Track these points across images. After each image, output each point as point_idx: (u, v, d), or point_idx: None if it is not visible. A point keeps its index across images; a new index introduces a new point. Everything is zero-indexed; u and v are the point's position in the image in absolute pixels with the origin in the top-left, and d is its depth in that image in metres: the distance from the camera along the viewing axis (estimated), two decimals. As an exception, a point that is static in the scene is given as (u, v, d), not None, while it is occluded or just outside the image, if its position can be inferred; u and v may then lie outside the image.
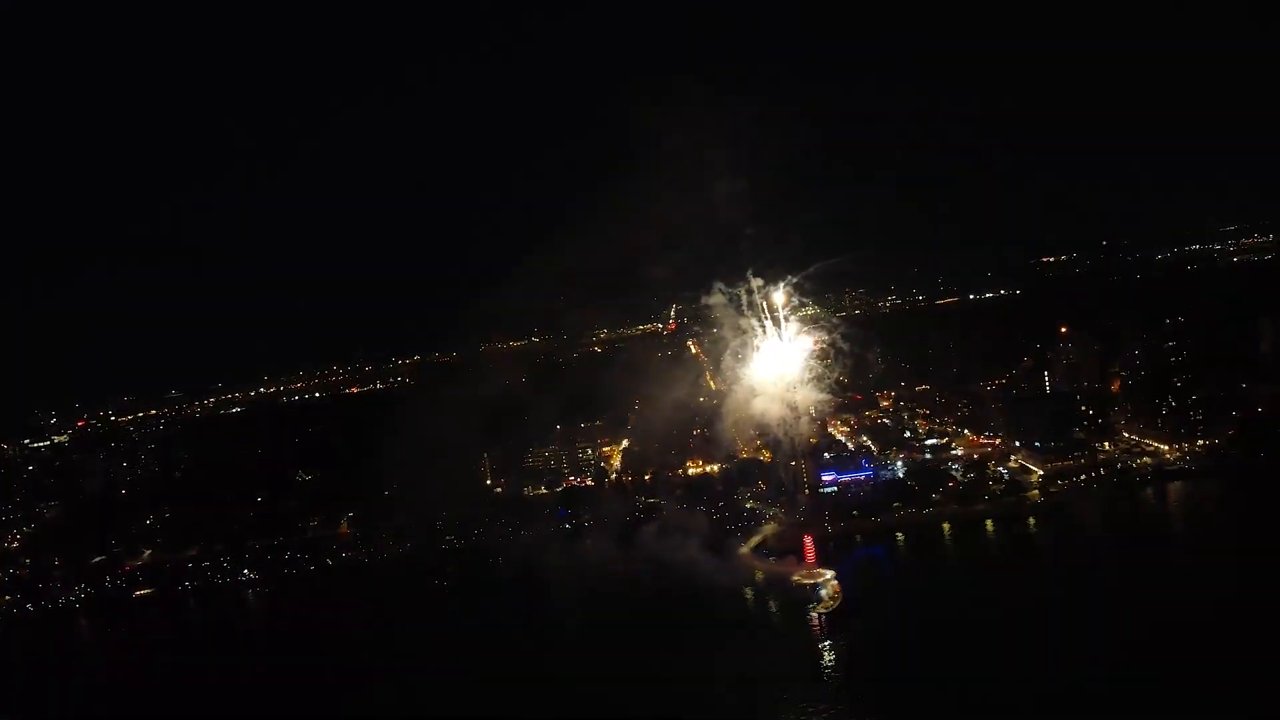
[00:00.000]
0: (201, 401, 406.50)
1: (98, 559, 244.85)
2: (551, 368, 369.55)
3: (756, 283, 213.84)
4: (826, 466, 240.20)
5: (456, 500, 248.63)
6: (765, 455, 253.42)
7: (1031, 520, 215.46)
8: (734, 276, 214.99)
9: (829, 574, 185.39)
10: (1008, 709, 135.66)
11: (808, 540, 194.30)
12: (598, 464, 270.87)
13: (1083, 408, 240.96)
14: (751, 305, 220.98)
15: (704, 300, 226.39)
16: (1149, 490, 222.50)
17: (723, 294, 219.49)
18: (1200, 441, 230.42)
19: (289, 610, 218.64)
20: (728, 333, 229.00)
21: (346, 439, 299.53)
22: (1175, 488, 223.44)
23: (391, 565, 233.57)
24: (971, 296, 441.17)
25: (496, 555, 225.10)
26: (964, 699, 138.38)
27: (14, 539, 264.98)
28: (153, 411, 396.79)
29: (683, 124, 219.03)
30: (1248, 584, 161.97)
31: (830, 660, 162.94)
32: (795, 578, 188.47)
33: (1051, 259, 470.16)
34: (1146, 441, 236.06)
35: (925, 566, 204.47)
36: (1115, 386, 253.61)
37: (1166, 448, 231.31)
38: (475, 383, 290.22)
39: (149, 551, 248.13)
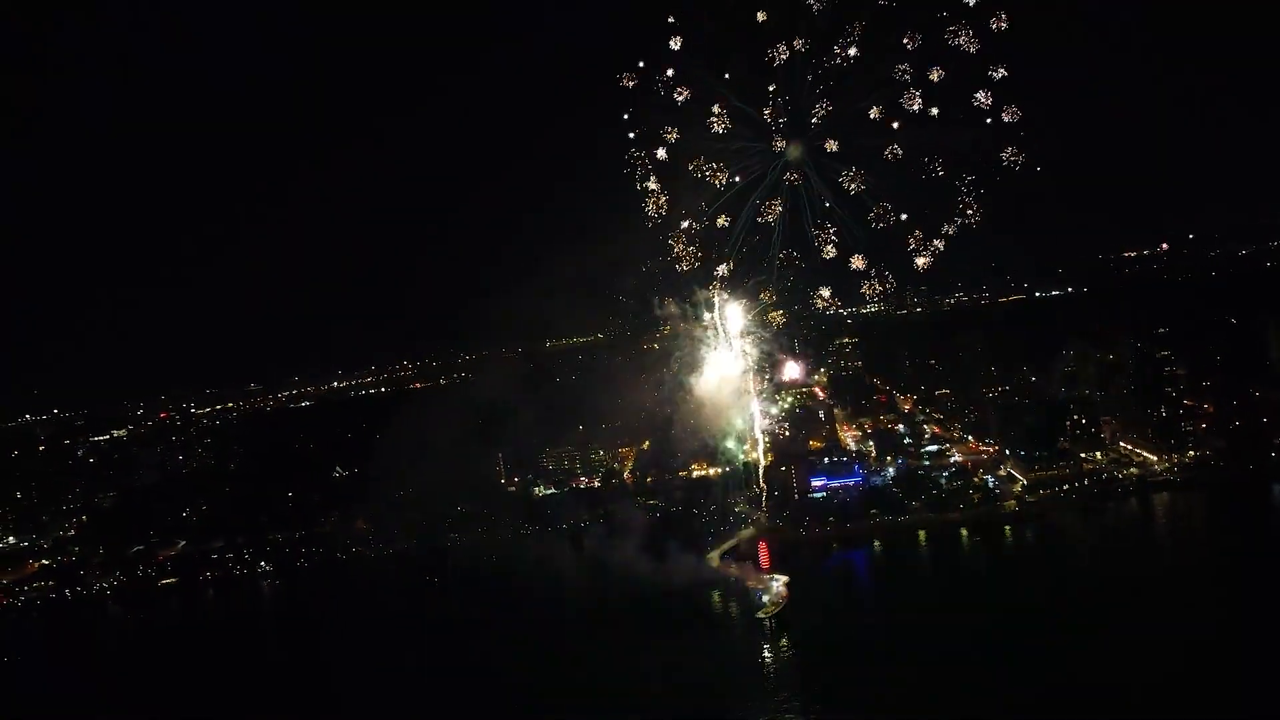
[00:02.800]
0: (275, 395, 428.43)
1: (136, 549, 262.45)
2: (605, 366, 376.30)
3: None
4: (818, 471, 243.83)
5: (468, 498, 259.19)
6: (767, 458, 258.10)
7: (1007, 529, 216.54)
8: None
9: (781, 579, 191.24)
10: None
11: (762, 546, 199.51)
12: (610, 465, 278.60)
13: (1075, 416, 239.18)
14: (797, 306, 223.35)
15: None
16: (1132, 501, 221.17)
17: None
18: (1190, 453, 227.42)
19: (285, 605, 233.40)
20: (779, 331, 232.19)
21: (389, 433, 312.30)
22: (1161, 499, 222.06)
23: (394, 561, 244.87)
24: (1037, 294, 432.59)
25: (490, 554, 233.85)
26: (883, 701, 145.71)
27: (70, 528, 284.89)
28: (229, 404, 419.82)
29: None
30: (1172, 599, 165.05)
31: (768, 661, 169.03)
32: (749, 582, 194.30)
33: (1132, 253, 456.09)
34: (1137, 452, 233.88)
35: (887, 573, 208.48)
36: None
37: (1155, 458, 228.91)
38: (526, 379, 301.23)
39: (183, 543, 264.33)
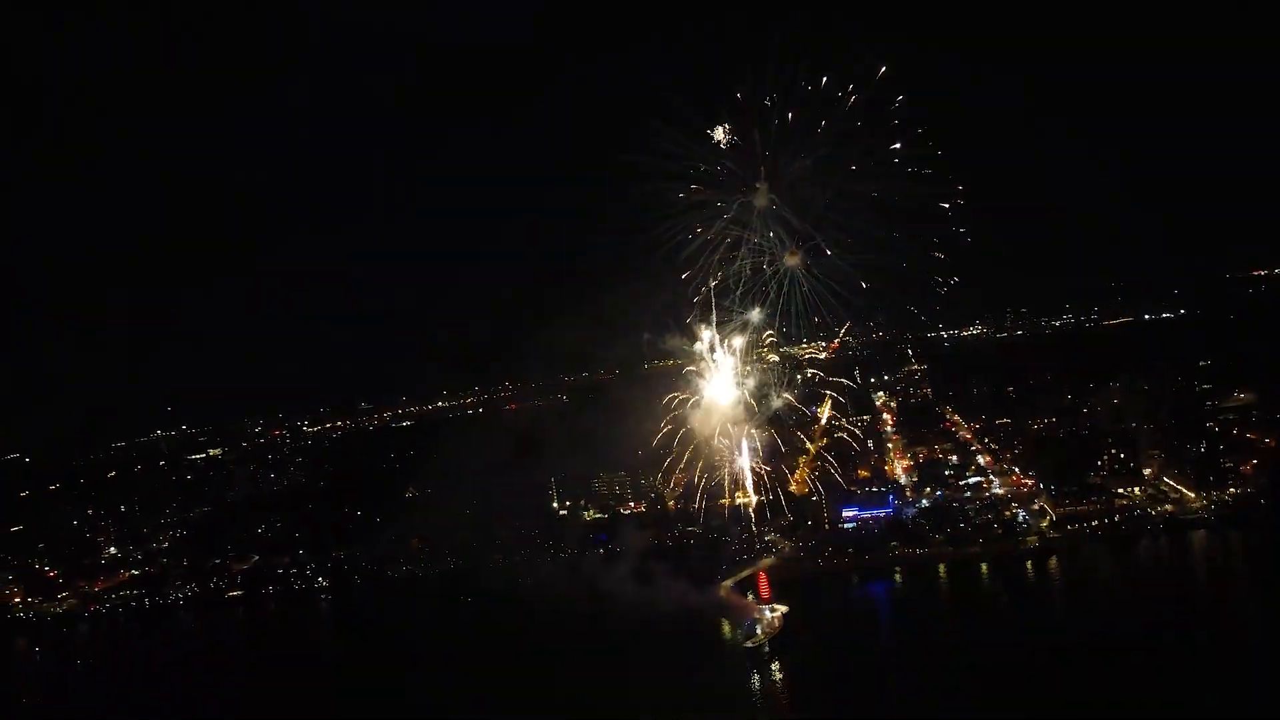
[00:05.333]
0: (381, 415, 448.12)
1: (215, 561, 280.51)
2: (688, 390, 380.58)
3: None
4: (850, 502, 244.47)
5: (518, 520, 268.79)
6: (803, 489, 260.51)
7: (1029, 564, 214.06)
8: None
9: (779, 609, 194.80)
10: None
11: (761, 576, 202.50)
12: (660, 490, 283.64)
13: (1112, 450, 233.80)
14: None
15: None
16: (1161, 540, 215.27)
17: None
18: (1231, 490, 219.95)
19: (323, 620, 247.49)
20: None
21: (462, 454, 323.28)
22: (1197, 537, 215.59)
23: (440, 580, 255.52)
24: (1146, 317, 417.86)
25: (527, 576, 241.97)
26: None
27: (165, 540, 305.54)
28: (338, 422, 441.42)
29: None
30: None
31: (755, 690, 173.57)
32: (745, 610, 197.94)
33: (1262, 272, 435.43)
34: (1177, 488, 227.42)
35: (896, 607, 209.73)
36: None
37: (1192, 495, 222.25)
38: (608, 404, 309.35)
39: (256, 557, 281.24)
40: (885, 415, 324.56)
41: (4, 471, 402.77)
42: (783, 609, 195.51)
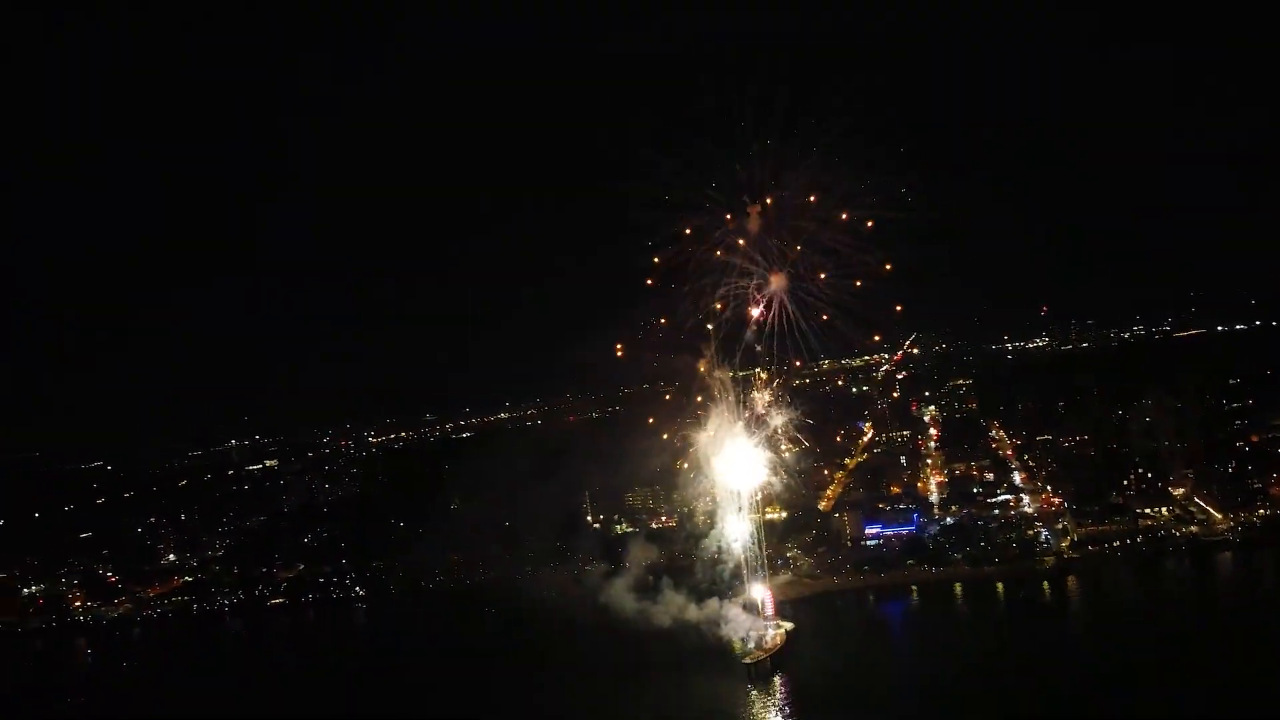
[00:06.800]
0: (443, 426, 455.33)
1: (263, 569, 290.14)
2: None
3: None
4: (874, 519, 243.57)
5: (548, 533, 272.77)
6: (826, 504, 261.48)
7: (1045, 584, 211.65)
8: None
9: (783, 626, 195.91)
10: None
11: (770, 592, 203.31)
12: (691, 505, 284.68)
13: (1139, 469, 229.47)
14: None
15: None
16: (1185, 561, 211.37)
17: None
18: (1260, 511, 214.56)
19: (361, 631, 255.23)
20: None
21: (509, 467, 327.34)
22: (1224, 559, 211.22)
23: (467, 591, 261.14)
24: (1220, 329, 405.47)
25: (539, 589, 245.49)
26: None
27: (220, 548, 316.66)
28: (402, 433, 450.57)
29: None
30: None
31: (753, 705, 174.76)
32: (752, 628, 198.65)
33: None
34: (1205, 508, 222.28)
35: (908, 626, 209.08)
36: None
37: (1219, 516, 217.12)
38: (660, 417, 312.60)
39: (301, 566, 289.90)
40: (932, 430, 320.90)
41: (86, 479, 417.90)
42: (788, 626, 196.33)
